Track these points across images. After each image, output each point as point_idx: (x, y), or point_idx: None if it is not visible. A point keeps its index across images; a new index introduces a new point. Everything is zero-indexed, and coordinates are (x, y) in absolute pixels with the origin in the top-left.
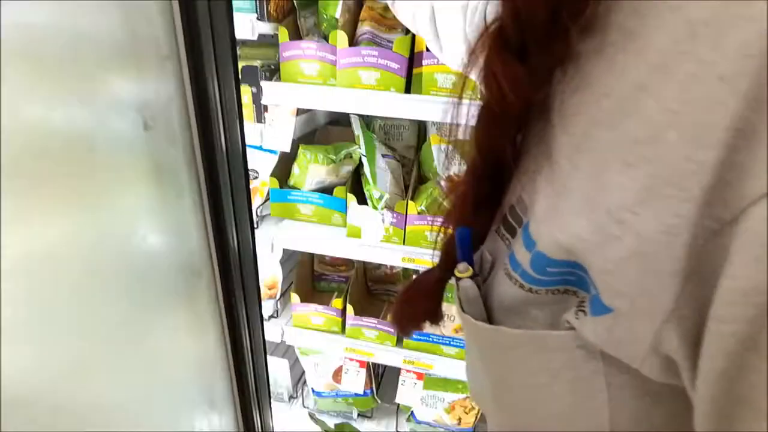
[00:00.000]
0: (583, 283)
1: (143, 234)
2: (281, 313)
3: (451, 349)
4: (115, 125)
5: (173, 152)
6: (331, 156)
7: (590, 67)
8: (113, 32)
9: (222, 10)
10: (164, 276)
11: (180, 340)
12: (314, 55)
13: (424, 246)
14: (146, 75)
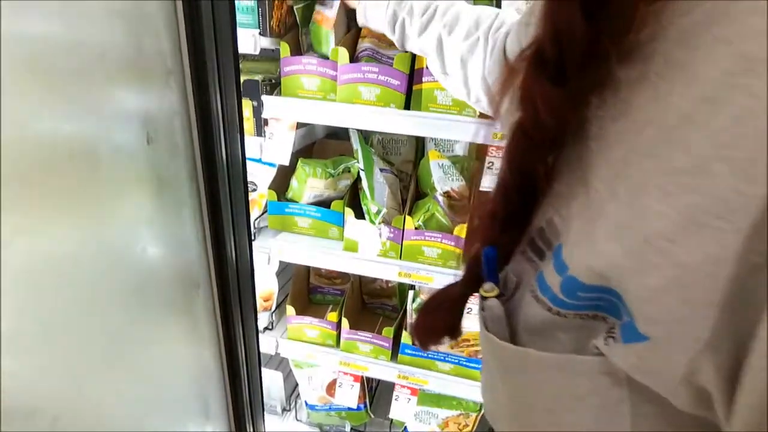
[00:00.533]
0: (615, 309)
1: (143, 245)
2: (276, 325)
3: (446, 365)
4: (118, 138)
5: (175, 165)
6: (329, 170)
7: (632, 95)
8: (120, 46)
9: (226, 25)
10: (163, 287)
11: (177, 352)
12: (315, 71)
13: (420, 261)
14: (151, 89)
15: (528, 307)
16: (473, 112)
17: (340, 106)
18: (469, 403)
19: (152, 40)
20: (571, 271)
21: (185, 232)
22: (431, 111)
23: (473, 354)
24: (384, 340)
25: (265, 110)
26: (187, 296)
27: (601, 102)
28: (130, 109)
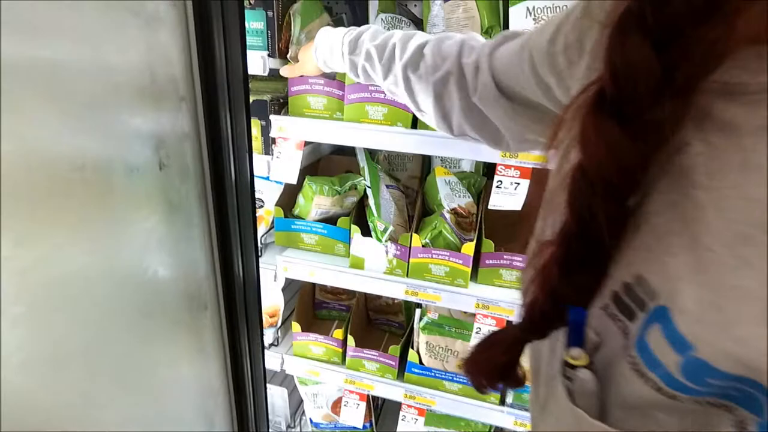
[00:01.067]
0: (751, 402)
1: (153, 267)
2: (281, 341)
3: (454, 385)
4: (132, 163)
5: (185, 188)
6: (336, 187)
7: (752, 141)
8: (134, 74)
9: (237, 50)
10: (171, 308)
11: (183, 370)
12: (321, 90)
13: (428, 279)
14: (164, 115)
15: (626, 381)
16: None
17: (347, 125)
18: (478, 424)
19: (165, 68)
20: (700, 353)
21: (194, 253)
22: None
23: None
24: (390, 358)
25: (273, 130)
26: (194, 316)
27: (705, 147)
28: (143, 136)
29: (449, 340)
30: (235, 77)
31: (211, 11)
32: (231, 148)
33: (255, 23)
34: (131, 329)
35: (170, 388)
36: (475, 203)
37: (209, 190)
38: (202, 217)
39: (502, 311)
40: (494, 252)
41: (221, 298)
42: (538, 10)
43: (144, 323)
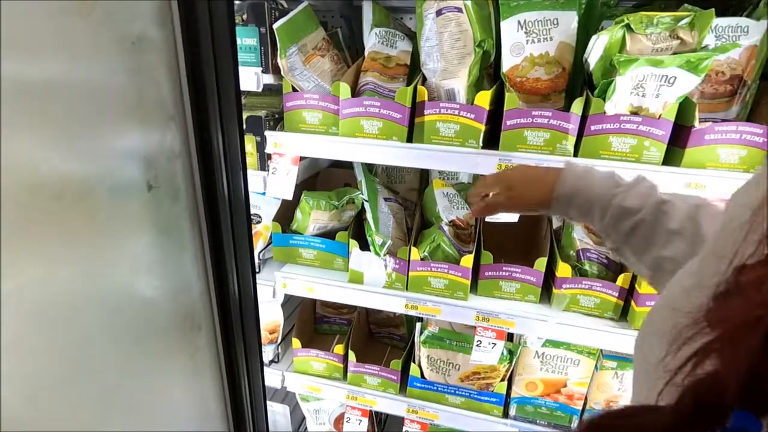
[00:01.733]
0: None
1: (141, 290)
2: (282, 357)
3: (457, 398)
4: (118, 185)
5: (176, 209)
6: (333, 202)
7: None
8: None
9: (228, 68)
10: (162, 330)
11: (177, 394)
12: (317, 105)
13: (427, 292)
14: (151, 136)
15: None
16: (476, 143)
17: (343, 140)
18: None
19: (153, 89)
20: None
21: (186, 274)
22: (434, 143)
23: (484, 387)
24: (392, 372)
25: (268, 145)
26: (188, 337)
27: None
28: (129, 158)
29: (450, 354)
30: (226, 95)
31: (200, 31)
32: (224, 165)
33: (248, 39)
34: (120, 354)
35: (164, 412)
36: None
37: (202, 209)
38: (194, 237)
39: (502, 323)
40: (493, 264)
41: (216, 318)
42: (530, 24)
43: (134, 347)
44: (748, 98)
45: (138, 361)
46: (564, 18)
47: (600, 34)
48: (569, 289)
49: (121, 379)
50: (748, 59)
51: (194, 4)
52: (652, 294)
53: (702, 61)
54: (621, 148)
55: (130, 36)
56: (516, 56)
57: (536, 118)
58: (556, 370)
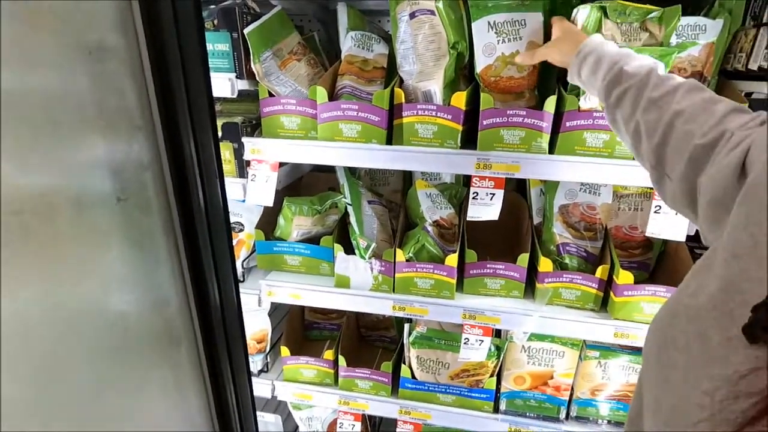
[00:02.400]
0: None
1: (114, 306)
2: (272, 366)
3: (448, 397)
4: (81, 200)
5: (148, 222)
6: (316, 207)
7: None
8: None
9: (198, 75)
10: (138, 347)
11: (158, 410)
12: (294, 110)
13: (414, 293)
14: (116, 147)
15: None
16: (454, 143)
17: (322, 144)
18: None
19: (116, 98)
20: None
21: (163, 288)
22: (413, 144)
23: (474, 384)
24: (383, 375)
25: (246, 152)
26: (168, 352)
27: None
28: (92, 169)
29: (440, 353)
30: (197, 102)
31: (166, 38)
32: (198, 174)
33: (220, 45)
34: (94, 372)
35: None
36: (457, 214)
37: (177, 220)
38: (170, 249)
39: (489, 320)
40: (478, 262)
41: (198, 331)
42: (499, 25)
43: (108, 364)
44: None
45: (114, 378)
46: (530, 19)
47: (574, 18)
48: (551, 283)
49: (96, 397)
50: (707, 56)
51: (158, 10)
52: (629, 285)
53: (664, 57)
54: (595, 144)
55: (87, 45)
56: (488, 56)
57: (511, 117)
58: (543, 363)
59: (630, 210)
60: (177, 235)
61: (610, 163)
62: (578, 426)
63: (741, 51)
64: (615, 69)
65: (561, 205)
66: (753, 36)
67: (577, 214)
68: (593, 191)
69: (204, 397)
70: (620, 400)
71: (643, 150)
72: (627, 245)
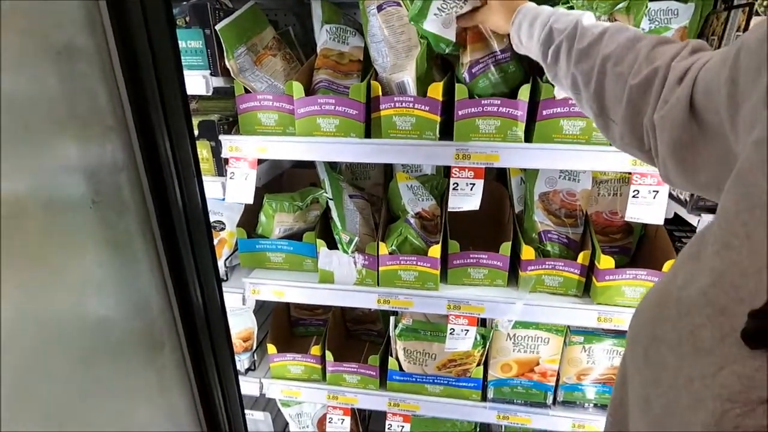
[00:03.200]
0: None
1: (92, 311)
2: (259, 364)
3: (436, 387)
4: (56, 201)
5: (124, 223)
6: (297, 203)
7: None
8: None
9: (171, 73)
10: (120, 351)
11: (143, 415)
12: (271, 106)
13: (399, 286)
14: (89, 148)
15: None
16: (432, 135)
17: (300, 140)
18: (464, 423)
19: (86, 99)
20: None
21: (143, 290)
22: (391, 137)
23: (461, 373)
24: (370, 368)
25: (224, 150)
26: (151, 354)
27: None
28: (64, 172)
29: (426, 344)
30: (171, 101)
31: (136, 36)
32: (174, 174)
33: (193, 42)
34: (75, 377)
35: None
36: (439, 205)
37: (155, 221)
38: (148, 250)
39: (473, 309)
40: (461, 252)
41: (181, 333)
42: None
43: (90, 369)
44: None
45: (96, 383)
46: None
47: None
48: (534, 271)
49: (77, 404)
50: (681, 40)
51: (126, 9)
52: (610, 269)
53: None
54: (572, 131)
55: (55, 46)
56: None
57: (486, 107)
58: (528, 350)
59: (609, 195)
60: (155, 237)
61: (588, 150)
62: (565, 411)
63: (713, 34)
64: (546, 29)
65: (541, 193)
66: (724, 19)
67: (558, 201)
68: (572, 178)
69: (190, 399)
70: (606, 384)
71: (584, 100)
72: (608, 230)
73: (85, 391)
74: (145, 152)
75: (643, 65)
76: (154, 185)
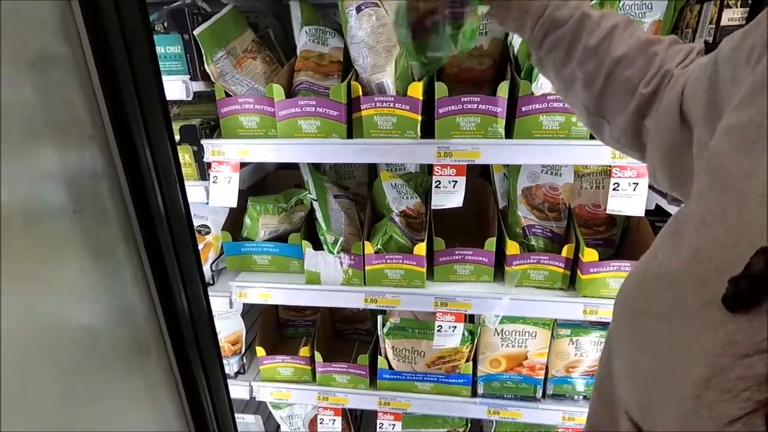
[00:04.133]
0: None
1: (76, 319)
2: (248, 368)
3: (426, 385)
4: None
5: (106, 231)
6: (281, 204)
7: None
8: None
9: (149, 79)
10: (105, 359)
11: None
12: (252, 109)
13: (386, 284)
14: (68, 156)
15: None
16: (414, 134)
17: (282, 142)
18: (455, 419)
19: (63, 108)
20: None
21: (127, 297)
22: (373, 137)
23: (451, 370)
24: (360, 368)
25: (206, 154)
26: (137, 361)
27: None
28: (43, 181)
29: (414, 342)
30: (150, 107)
31: (112, 43)
32: (156, 180)
33: (171, 47)
34: (59, 389)
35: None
36: (423, 203)
37: (137, 228)
38: (132, 258)
39: (460, 306)
40: (446, 249)
41: (167, 339)
42: None
43: (75, 380)
44: None
45: (83, 391)
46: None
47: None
48: (519, 265)
49: (65, 413)
50: (655, 33)
51: (101, 16)
52: (594, 262)
53: None
54: (551, 126)
55: (29, 56)
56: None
57: (466, 104)
58: (516, 344)
59: (592, 188)
60: (138, 243)
61: (568, 144)
62: (555, 404)
63: (687, 27)
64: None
65: (524, 188)
66: (698, 11)
67: (541, 195)
68: (554, 172)
69: (178, 404)
70: (594, 375)
71: (577, 99)
72: (591, 223)
73: (70, 400)
74: (125, 159)
75: (656, 75)
76: (135, 192)
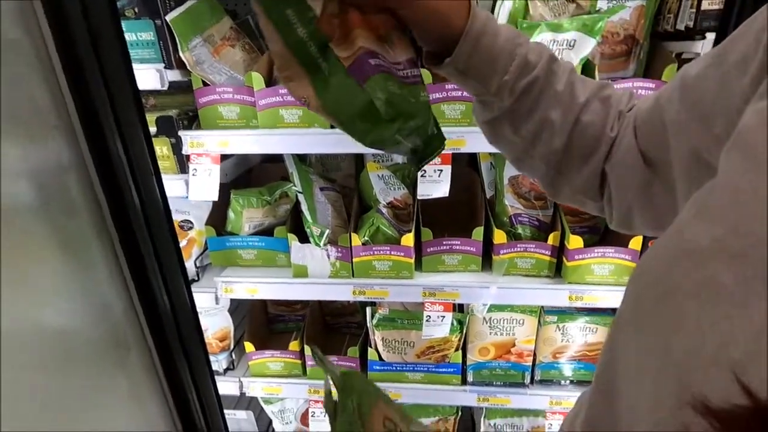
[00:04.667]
0: None
1: (49, 318)
2: (238, 364)
3: (416, 374)
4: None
5: (76, 224)
6: (265, 197)
7: None
8: None
9: (118, 66)
10: (82, 358)
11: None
12: (232, 98)
13: (374, 276)
14: (30, 149)
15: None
16: None
17: (264, 132)
18: (446, 407)
19: (24, 98)
20: None
21: (102, 294)
22: None
23: (441, 359)
24: (350, 360)
25: (185, 146)
26: (116, 360)
27: None
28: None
29: (404, 333)
30: (120, 97)
31: (75, 30)
32: (129, 173)
33: (143, 34)
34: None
35: None
36: (411, 194)
37: (110, 222)
38: (106, 253)
39: (448, 296)
40: (434, 239)
41: (148, 336)
42: None
43: (52, 382)
44: (642, 56)
45: (60, 391)
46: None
47: (504, 0)
48: (507, 254)
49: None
50: (638, 19)
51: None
52: (579, 249)
53: (596, 23)
54: None
55: None
56: None
57: (450, 92)
58: (504, 332)
59: None
60: (113, 237)
61: None
62: (543, 389)
63: (669, 12)
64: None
65: (510, 177)
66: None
67: (527, 184)
68: None
69: (163, 402)
70: (581, 360)
71: (538, 152)
72: (577, 210)
73: (49, 402)
74: (94, 150)
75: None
76: (106, 185)
